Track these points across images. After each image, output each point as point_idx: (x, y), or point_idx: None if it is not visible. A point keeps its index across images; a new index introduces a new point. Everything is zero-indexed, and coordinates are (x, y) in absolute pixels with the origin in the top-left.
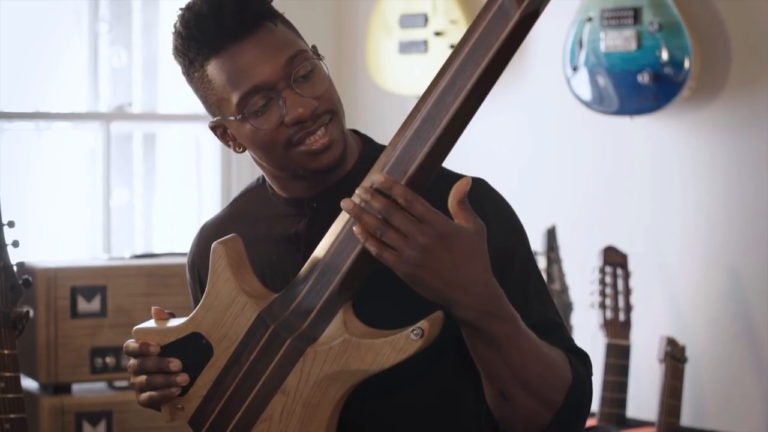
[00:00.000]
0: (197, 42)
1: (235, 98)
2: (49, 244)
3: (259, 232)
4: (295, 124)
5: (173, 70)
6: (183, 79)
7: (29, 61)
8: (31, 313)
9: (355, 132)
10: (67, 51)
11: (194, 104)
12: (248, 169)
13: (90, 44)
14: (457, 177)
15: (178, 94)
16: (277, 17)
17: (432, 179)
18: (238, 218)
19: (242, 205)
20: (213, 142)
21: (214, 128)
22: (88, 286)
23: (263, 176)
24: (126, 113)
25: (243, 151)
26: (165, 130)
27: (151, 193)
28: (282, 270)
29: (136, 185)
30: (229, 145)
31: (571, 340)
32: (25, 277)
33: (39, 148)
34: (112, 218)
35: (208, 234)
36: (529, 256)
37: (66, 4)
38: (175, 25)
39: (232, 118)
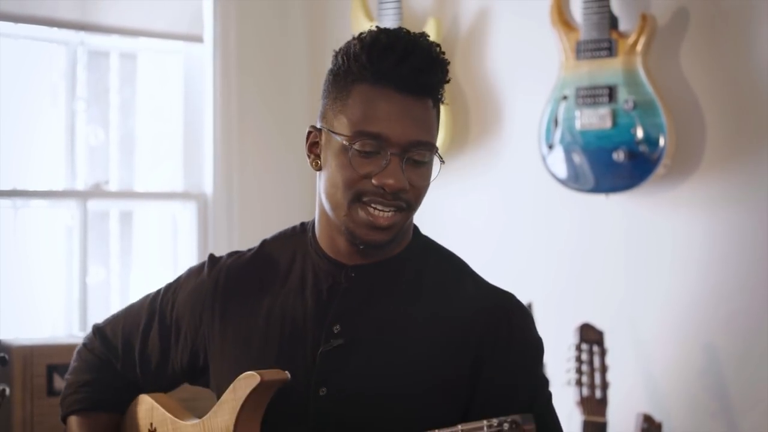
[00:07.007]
0: (371, 63)
1: (356, 127)
2: (26, 322)
3: (289, 283)
4: (377, 187)
5: (150, 148)
6: (159, 158)
7: (6, 139)
8: (7, 391)
9: None
10: (44, 129)
11: (171, 182)
12: (225, 248)
13: (67, 122)
14: (488, 287)
15: (155, 172)
16: (440, 102)
17: None
18: (266, 264)
19: (274, 249)
20: (190, 220)
21: (311, 133)
22: (64, 364)
23: (300, 226)
24: (103, 191)
25: (319, 169)
26: (142, 208)
27: (127, 271)
28: (304, 327)
29: (112, 263)
30: (309, 156)
31: None
32: (1, 354)
33: (16, 226)
34: (89, 296)
35: (230, 273)
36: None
37: (43, 82)
38: (361, 34)
39: (339, 138)
